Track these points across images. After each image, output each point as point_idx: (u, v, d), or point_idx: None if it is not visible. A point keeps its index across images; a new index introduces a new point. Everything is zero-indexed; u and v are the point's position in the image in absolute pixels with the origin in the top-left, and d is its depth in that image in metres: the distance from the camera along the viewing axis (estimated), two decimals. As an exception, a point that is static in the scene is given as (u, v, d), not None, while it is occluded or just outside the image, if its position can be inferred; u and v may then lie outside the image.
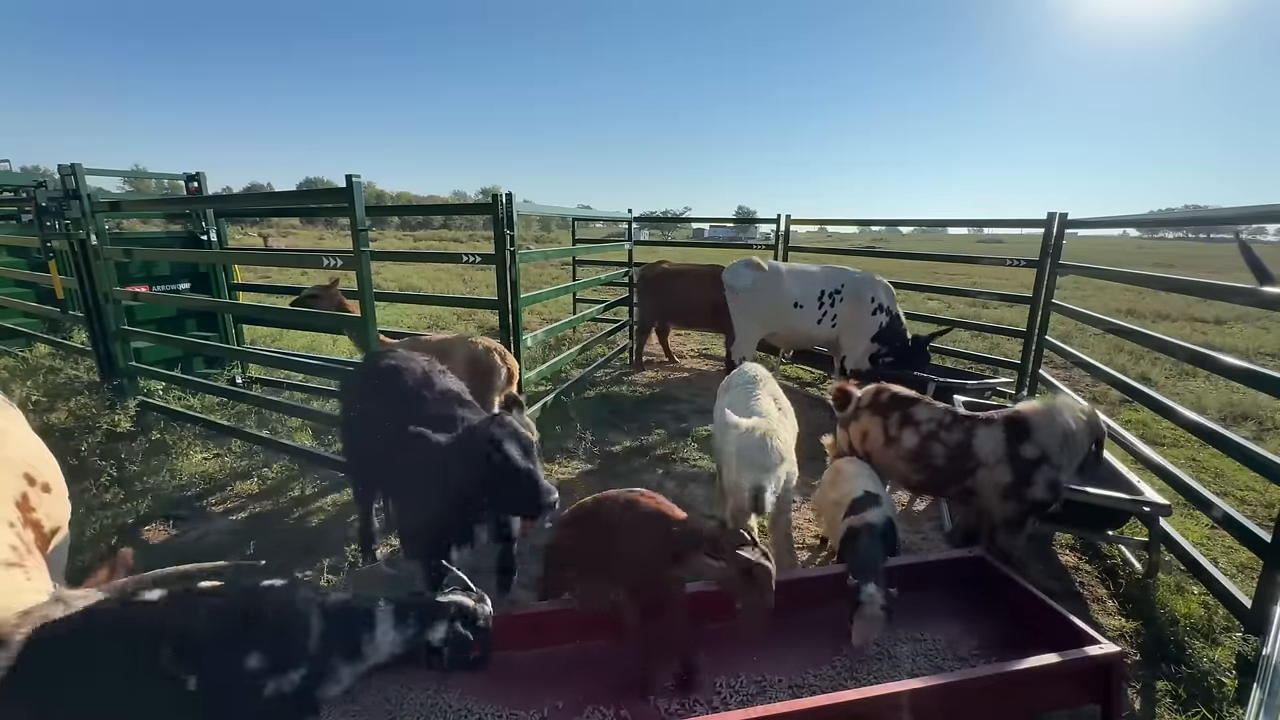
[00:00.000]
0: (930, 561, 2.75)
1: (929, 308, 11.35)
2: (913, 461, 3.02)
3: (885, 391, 3.21)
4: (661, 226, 35.49)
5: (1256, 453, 2.81)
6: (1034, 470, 2.80)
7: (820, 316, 5.63)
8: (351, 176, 3.20)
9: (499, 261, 4.01)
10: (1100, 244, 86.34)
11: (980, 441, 2.89)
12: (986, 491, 2.89)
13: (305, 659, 1.61)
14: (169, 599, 1.57)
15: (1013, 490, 2.83)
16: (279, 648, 1.59)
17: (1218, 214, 3.58)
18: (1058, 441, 2.81)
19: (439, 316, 10.30)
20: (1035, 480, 2.80)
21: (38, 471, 2.02)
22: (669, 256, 9.17)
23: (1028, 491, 2.80)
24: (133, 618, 1.52)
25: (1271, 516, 2.88)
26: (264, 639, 1.57)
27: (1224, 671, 2.57)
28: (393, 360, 2.78)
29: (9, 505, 1.84)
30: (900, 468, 3.08)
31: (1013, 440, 2.84)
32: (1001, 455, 2.84)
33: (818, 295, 5.62)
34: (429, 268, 17.72)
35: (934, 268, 19.69)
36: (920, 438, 2.99)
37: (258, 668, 1.54)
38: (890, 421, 3.08)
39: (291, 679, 1.58)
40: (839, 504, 2.83)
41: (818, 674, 2.27)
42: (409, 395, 2.63)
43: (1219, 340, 9.69)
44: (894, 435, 3.06)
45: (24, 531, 1.84)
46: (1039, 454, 2.80)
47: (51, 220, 4.93)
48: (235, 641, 1.55)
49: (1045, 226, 5.15)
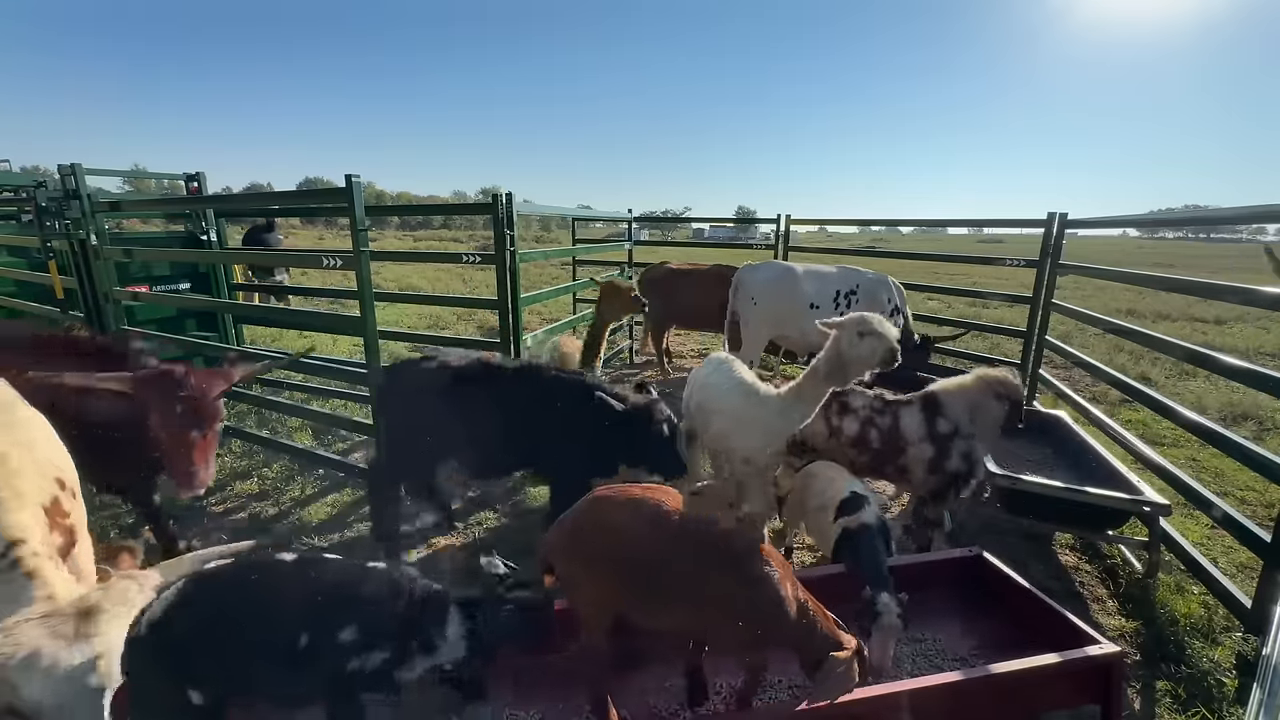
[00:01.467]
0: (930, 561, 2.75)
1: (929, 308, 11.35)
2: (855, 447, 3.16)
3: None
4: (661, 226, 35.48)
5: (1256, 453, 2.81)
6: (949, 443, 2.99)
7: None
8: (351, 176, 3.19)
9: (499, 261, 4.01)
10: (1100, 244, 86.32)
11: (906, 423, 3.08)
12: (915, 468, 3.07)
13: (392, 641, 1.72)
14: (301, 562, 1.79)
15: (935, 464, 3.02)
16: (373, 626, 1.71)
17: (1218, 214, 3.58)
18: (967, 414, 3.00)
19: (439, 316, 10.30)
20: (951, 453, 2.99)
21: (66, 475, 2.02)
22: (669, 256, 9.18)
23: (946, 464, 2.99)
24: (272, 572, 1.76)
25: (1271, 516, 2.89)
26: (363, 615, 1.71)
27: (1224, 671, 2.57)
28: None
29: (42, 511, 1.84)
30: (846, 454, 3.20)
31: (929, 418, 3.04)
32: (924, 433, 3.03)
33: (833, 296, 5.51)
34: (429, 268, 17.72)
35: (934, 268, 19.70)
36: (860, 423, 3.15)
37: (351, 640, 1.68)
38: (830, 412, 3.18)
39: (375, 658, 1.70)
40: (824, 509, 2.75)
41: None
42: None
43: (1219, 340, 9.69)
44: (836, 425, 3.19)
45: (54, 538, 1.83)
46: (952, 428, 3.00)
47: (51, 220, 4.91)
48: (340, 612, 1.70)
49: (1045, 226, 5.15)
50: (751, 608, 1.82)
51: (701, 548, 1.83)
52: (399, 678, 1.74)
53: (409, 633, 1.75)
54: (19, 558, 1.66)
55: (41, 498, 1.85)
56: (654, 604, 1.89)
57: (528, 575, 1.94)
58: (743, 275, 5.79)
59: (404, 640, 1.74)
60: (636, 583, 1.85)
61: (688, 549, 1.83)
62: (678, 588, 1.83)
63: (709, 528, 1.86)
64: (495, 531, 3.71)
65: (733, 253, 9.32)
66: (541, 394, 3.09)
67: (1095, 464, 3.67)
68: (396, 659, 1.73)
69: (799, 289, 5.52)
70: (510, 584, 1.92)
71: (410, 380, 3.17)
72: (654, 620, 1.95)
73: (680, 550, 1.83)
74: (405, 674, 1.75)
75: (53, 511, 1.87)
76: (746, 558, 1.84)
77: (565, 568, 1.96)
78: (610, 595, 1.90)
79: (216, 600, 1.70)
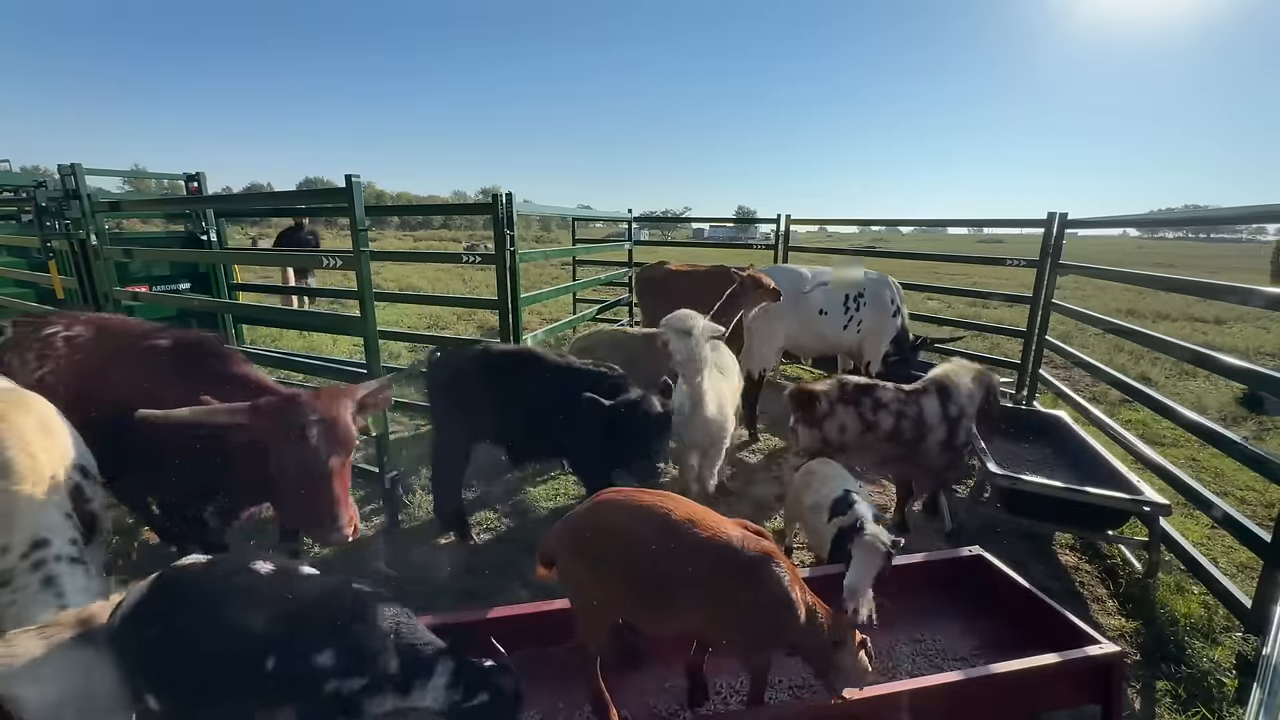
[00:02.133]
0: (930, 561, 2.75)
1: (929, 308, 11.35)
2: (890, 440, 3.42)
3: (849, 384, 3.50)
4: (661, 226, 35.47)
5: (1256, 453, 2.81)
6: (957, 424, 3.45)
7: (846, 322, 5.46)
8: (351, 176, 3.20)
9: (499, 261, 4.01)
10: (1100, 244, 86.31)
11: (928, 411, 3.43)
12: (933, 449, 3.45)
13: (370, 673, 1.63)
14: (279, 575, 1.69)
15: (947, 443, 3.44)
16: (352, 654, 1.62)
17: (1218, 214, 3.59)
18: (966, 398, 3.49)
19: (439, 316, 10.30)
20: (958, 432, 3.45)
21: (89, 462, 2.10)
22: (669, 256, 9.17)
23: (955, 441, 3.46)
24: (246, 586, 1.65)
25: (1271, 516, 2.89)
26: (343, 642, 1.62)
27: (1224, 671, 2.57)
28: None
29: (67, 499, 1.91)
30: (882, 448, 3.46)
31: (944, 403, 3.44)
32: (940, 417, 3.42)
33: (843, 300, 5.46)
34: (429, 268, 17.72)
35: (934, 268, 19.69)
36: (894, 417, 3.40)
37: (328, 666, 1.59)
38: (864, 409, 3.40)
39: (351, 685, 1.61)
40: (818, 507, 2.77)
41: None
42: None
43: (1219, 340, 9.69)
44: (871, 420, 3.40)
45: (78, 524, 1.91)
46: (960, 410, 3.45)
47: (51, 220, 4.91)
48: (319, 636, 1.61)
49: (1045, 226, 5.15)
50: (760, 611, 1.83)
51: (710, 552, 1.83)
52: (370, 709, 1.65)
53: (388, 674, 1.66)
54: (42, 560, 1.75)
55: (68, 487, 1.94)
56: (660, 608, 1.88)
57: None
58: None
59: (380, 677, 1.65)
60: (644, 588, 1.85)
61: (696, 554, 1.82)
62: (685, 592, 1.83)
63: (717, 532, 1.86)
64: (495, 531, 3.71)
65: (733, 253, 9.32)
66: (558, 384, 3.17)
67: (1095, 464, 3.67)
68: (370, 689, 1.63)
69: (812, 295, 5.40)
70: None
71: (458, 366, 3.35)
72: (659, 623, 1.94)
73: (688, 555, 1.82)
74: (375, 707, 1.66)
75: (76, 499, 1.95)
76: (756, 562, 1.84)
77: (568, 566, 1.95)
78: (615, 599, 1.90)
79: (176, 606, 1.62)
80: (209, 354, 2.58)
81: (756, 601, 1.82)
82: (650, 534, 1.84)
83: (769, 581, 1.82)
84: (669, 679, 2.24)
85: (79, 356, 2.63)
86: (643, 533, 1.84)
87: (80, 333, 2.72)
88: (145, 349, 2.57)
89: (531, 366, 3.29)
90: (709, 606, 1.84)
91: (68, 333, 2.71)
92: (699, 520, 1.87)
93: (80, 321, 2.79)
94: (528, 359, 3.36)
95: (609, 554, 1.87)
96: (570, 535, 1.95)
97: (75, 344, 2.67)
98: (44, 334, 2.69)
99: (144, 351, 2.56)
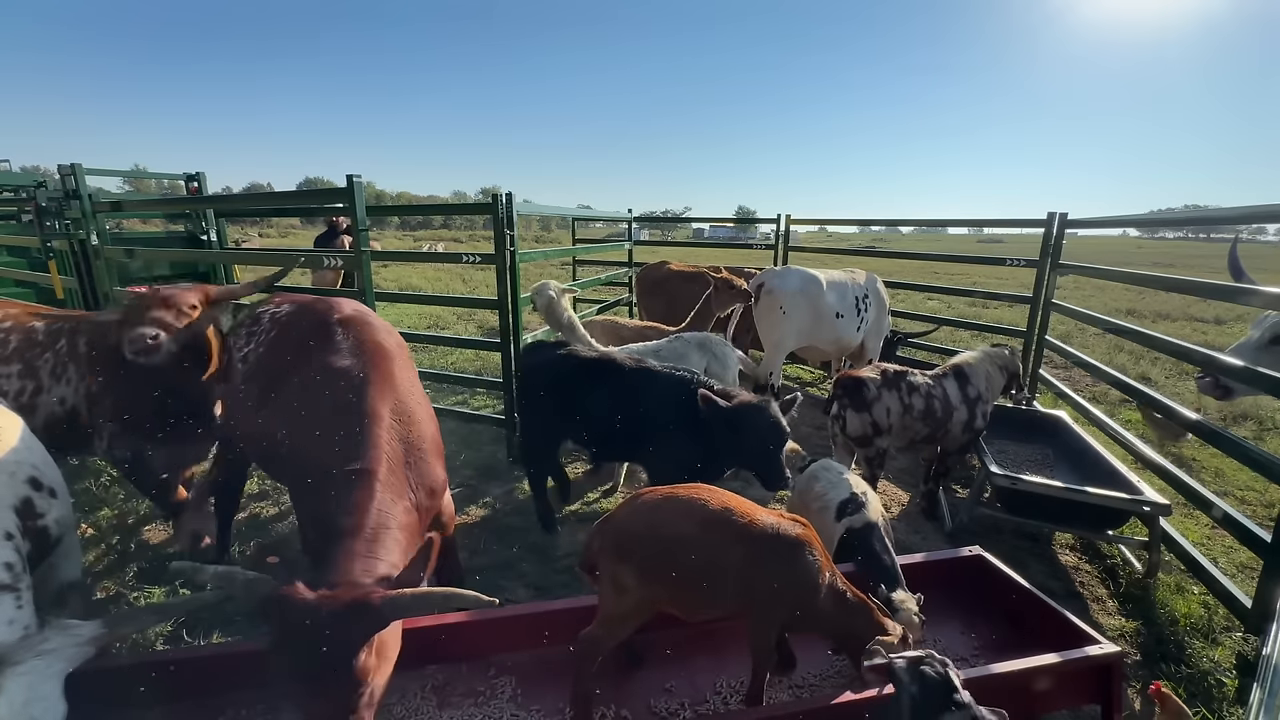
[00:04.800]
0: (930, 561, 2.75)
1: (929, 308, 11.35)
2: (923, 420, 3.65)
3: (888, 369, 3.77)
4: (661, 226, 35.49)
5: (1256, 452, 2.81)
6: (976, 406, 3.72)
7: (859, 324, 5.44)
8: (352, 176, 3.20)
9: (499, 261, 4.01)
10: (1100, 244, 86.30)
11: (951, 392, 3.72)
12: (955, 429, 3.71)
13: None
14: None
15: (969, 425, 3.71)
16: None
17: (1218, 214, 3.58)
18: (985, 382, 3.77)
19: (439, 316, 10.30)
20: (977, 414, 3.72)
21: (44, 475, 1.95)
22: (669, 256, 9.17)
23: (975, 423, 3.73)
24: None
25: (1271, 516, 2.89)
26: None
27: (1224, 671, 2.57)
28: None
29: (8, 514, 1.77)
30: (916, 428, 3.68)
31: (963, 387, 3.74)
32: (961, 399, 3.70)
33: (854, 302, 5.42)
34: (429, 268, 17.72)
35: (934, 268, 19.69)
36: (924, 398, 3.65)
37: None
38: (902, 392, 3.64)
39: None
40: (826, 509, 2.77)
41: (818, 674, 2.28)
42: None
43: (1219, 340, 9.69)
44: (909, 403, 3.64)
45: (23, 543, 1.77)
46: (978, 394, 3.74)
47: (51, 220, 4.92)
48: None
49: (1045, 226, 5.15)
50: (801, 598, 1.92)
51: (751, 543, 1.89)
52: None
53: None
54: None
55: (12, 501, 1.80)
56: (707, 598, 1.93)
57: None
58: (772, 284, 5.23)
59: None
60: (693, 581, 1.88)
61: (738, 545, 1.89)
62: (726, 583, 1.89)
63: (755, 518, 1.93)
64: (495, 531, 3.71)
65: (733, 253, 9.31)
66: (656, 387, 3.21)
67: (1095, 464, 3.67)
68: None
69: (825, 298, 5.28)
70: None
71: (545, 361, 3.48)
72: (701, 612, 2.00)
73: (734, 544, 1.89)
74: None
75: (24, 514, 1.82)
76: (794, 549, 1.93)
77: (615, 570, 1.92)
78: (661, 596, 1.93)
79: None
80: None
81: (793, 581, 1.91)
82: (696, 529, 1.90)
83: (804, 565, 1.93)
84: (669, 679, 2.24)
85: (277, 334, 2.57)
86: (689, 528, 1.90)
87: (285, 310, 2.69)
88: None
89: (624, 369, 3.34)
90: (748, 593, 1.91)
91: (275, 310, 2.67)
92: (736, 508, 1.94)
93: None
94: (630, 363, 3.39)
95: (658, 553, 1.89)
96: (616, 538, 1.95)
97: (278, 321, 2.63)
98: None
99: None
